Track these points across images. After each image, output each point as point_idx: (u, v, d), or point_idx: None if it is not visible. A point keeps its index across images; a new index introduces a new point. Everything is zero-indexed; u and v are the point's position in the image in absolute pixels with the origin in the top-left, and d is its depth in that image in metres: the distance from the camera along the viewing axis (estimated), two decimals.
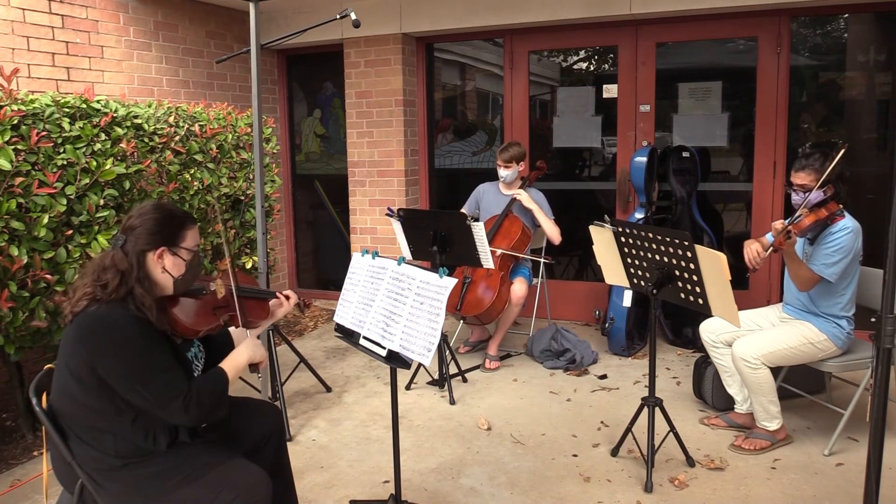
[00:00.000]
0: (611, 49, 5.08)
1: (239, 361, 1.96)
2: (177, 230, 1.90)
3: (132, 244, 1.85)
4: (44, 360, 3.56)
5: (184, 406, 1.75)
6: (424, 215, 4.00)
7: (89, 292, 1.79)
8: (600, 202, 5.26)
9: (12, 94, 2.93)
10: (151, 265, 1.86)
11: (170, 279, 1.89)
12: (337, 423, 3.49)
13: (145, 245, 1.85)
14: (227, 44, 5.28)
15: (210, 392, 1.83)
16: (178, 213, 1.95)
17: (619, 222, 2.82)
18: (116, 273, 1.80)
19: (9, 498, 2.80)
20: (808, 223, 2.85)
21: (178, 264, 1.90)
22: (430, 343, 2.00)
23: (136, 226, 1.87)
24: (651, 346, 2.87)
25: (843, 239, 2.86)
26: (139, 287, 1.81)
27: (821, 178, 2.83)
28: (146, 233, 1.86)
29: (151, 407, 1.75)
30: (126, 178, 3.33)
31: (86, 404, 1.76)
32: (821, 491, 2.72)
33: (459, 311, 4.19)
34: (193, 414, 1.77)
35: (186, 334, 1.94)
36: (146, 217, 1.88)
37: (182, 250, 1.90)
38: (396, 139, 5.38)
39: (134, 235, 1.86)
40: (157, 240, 1.86)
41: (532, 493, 2.76)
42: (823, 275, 2.89)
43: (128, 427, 1.78)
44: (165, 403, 1.74)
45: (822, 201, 2.89)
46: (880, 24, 4.44)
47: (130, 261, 1.83)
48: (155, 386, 1.74)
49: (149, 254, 1.86)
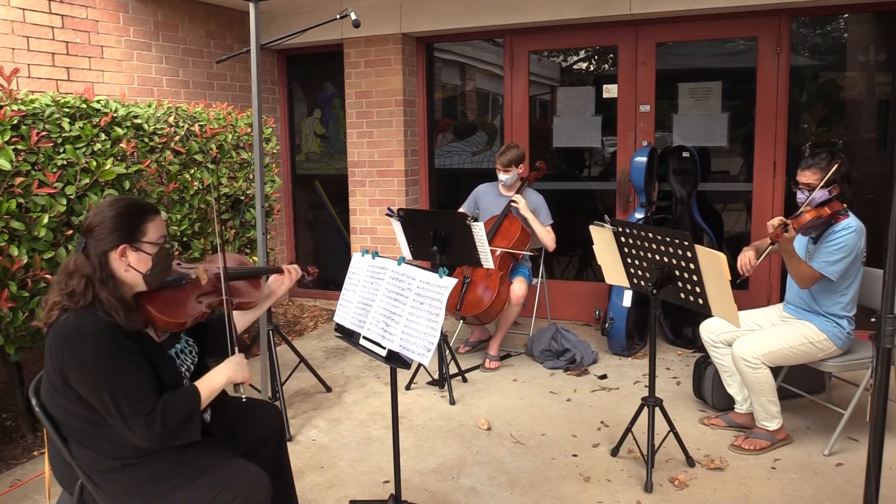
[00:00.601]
0: (611, 49, 5.08)
1: (215, 382, 1.86)
2: (136, 224, 1.81)
3: (93, 246, 1.78)
4: (43, 360, 3.56)
5: (146, 424, 1.68)
6: (424, 215, 4.00)
7: (57, 301, 1.74)
8: (600, 202, 5.26)
9: (12, 94, 2.93)
10: (115, 265, 1.79)
11: (138, 276, 1.81)
12: (337, 423, 3.49)
13: (106, 245, 1.78)
14: (227, 44, 5.28)
15: (177, 410, 1.74)
16: (136, 206, 1.86)
17: (619, 222, 2.82)
18: (81, 278, 1.74)
19: (9, 498, 2.80)
20: (808, 218, 2.86)
21: (144, 259, 1.81)
22: (430, 343, 2.00)
23: (94, 225, 1.79)
24: (651, 346, 2.87)
25: (846, 238, 2.87)
26: (104, 290, 1.74)
27: (825, 178, 2.85)
28: (105, 232, 1.78)
29: (114, 423, 1.69)
30: (126, 178, 3.33)
31: (72, 410, 1.75)
32: (821, 491, 2.72)
33: (459, 310, 4.19)
34: (157, 433, 1.69)
35: (169, 328, 1.88)
36: (103, 215, 1.79)
37: (145, 244, 1.81)
38: (396, 139, 5.38)
39: (94, 237, 1.79)
40: (116, 237, 1.78)
41: (532, 493, 2.76)
42: (825, 273, 2.89)
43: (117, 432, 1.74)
44: (126, 420, 1.68)
45: (825, 200, 2.90)
46: (880, 24, 4.44)
47: (93, 263, 1.76)
48: (118, 400, 1.67)
49: (111, 253, 1.78)
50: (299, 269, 2.36)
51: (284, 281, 2.29)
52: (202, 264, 2.05)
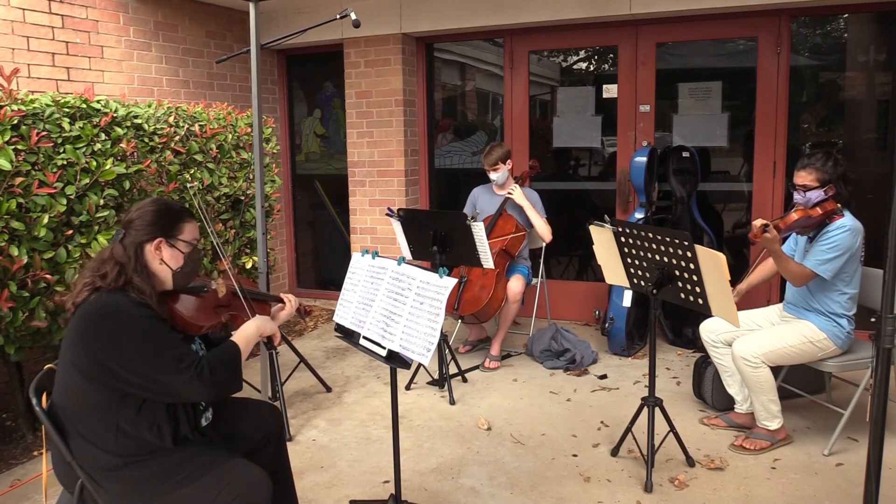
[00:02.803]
0: (611, 49, 5.08)
1: (248, 333, 1.97)
2: (174, 222, 1.93)
3: (131, 237, 1.88)
4: (44, 360, 3.56)
5: (197, 375, 1.74)
6: (424, 215, 4.00)
7: (89, 283, 1.81)
8: (600, 202, 5.26)
9: (12, 94, 2.92)
10: (149, 256, 1.88)
11: (168, 271, 1.90)
12: (337, 423, 3.49)
13: (143, 237, 1.88)
14: (227, 44, 5.28)
15: (222, 361, 1.84)
16: (175, 207, 1.98)
17: (618, 222, 2.82)
18: (115, 265, 1.82)
19: (9, 498, 2.80)
20: (795, 217, 2.86)
21: (176, 256, 1.92)
22: (430, 343, 2.00)
23: (134, 219, 1.91)
24: (651, 346, 2.87)
25: (840, 237, 2.87)
26: (137, 277, 1.83)
27: (822, 178, 2.87)
28: (143, 224, 1.89)
29: (163, 382, 1.73)
30: (126, 178, 3.33)
31: (90, 399, 1.75)
32: (821, 491, 2.72)
33: (457, 310, 4.19)
34: (209, 384, 1.76)
35: (188, 329, 1.93)
36: (144, 210, 1.92)
37: (180, 242, 1.92)
38: (396, 139, 5.38)
39: (132, 228, 1.89)
40: (153, 231, 1.89)
41: (532, 493, 2.76)
42: (817, 271, 2.89)
43: (132, 417, 1.76)
44: (178, 376, 1.73)
45: (821, 200, 2.90)
46: (880, 24, 4.44)
47: (129, 253, 1.85)
48: (164, 361, 1.74)
49: (146, 245, 1.88)
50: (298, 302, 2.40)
51: (286, 308, 2.34)
52: (220, 277, 2.14)
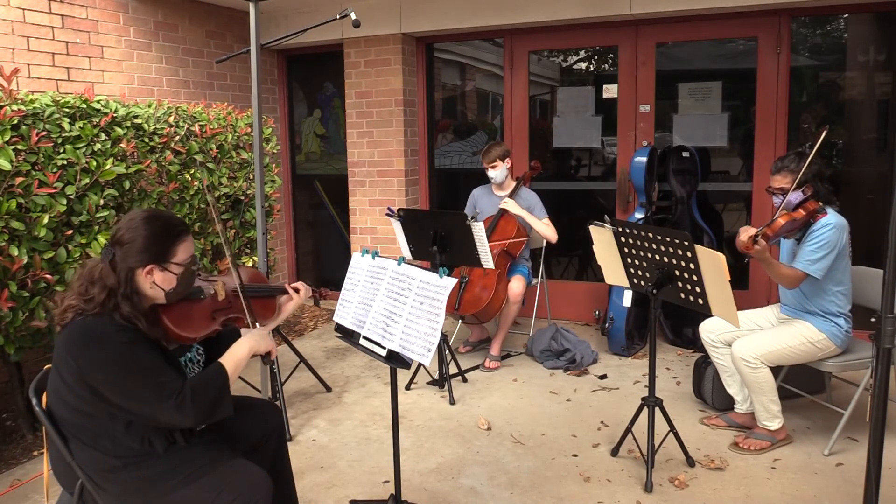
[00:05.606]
0: (611, 49, 5.08)
1: (239, 355, 1.88)
2: (168, 246, 1.82)
3: (121, 260, 1.78)
4: (44, 360, 3.56)
5: (177, 406, 1.69)
6: (424, 215, 4.00)
7: (73, 305, 1.75)
8: (600, 202, 5.26)
9: (12, 94, 2.93)
10: (140, 281, 1.80)
11: (160, 292, 1.83)
12: (337, 423, 3.49)
13: (134, 262, 1.78)
14: (227, 44, 5.28)
15: (205, 389, 1.77)
16: (170, 226, 1.85)
17: (618, 222, 2.83)
18: (103, 288, 1.75)
19: (9, 498, 2.80)
20: (781, 223, 2.85)
21: (169, 279, 1.82)
22: (430, 343, 2.00)
23: (125, 241, 1.79)
24: (651, 346, 2.87)
25: (826, 235, 2.87)
26: (126, 303, 1.76)
27: (797, 179, 2.85)
28: (135, 250, 1.78)
29: (146, 413, 1.72)
30: (126, 178, 3.33)
31: (80, 410, 1.75)
32: (821, 491, 2.72)
33: (457, 310, 4.19)
34: (189, 413, 1.71)
35: (181, 342, 1.90)
36: (136, 233, 1.79)
37: (172, 265, 1.82)
38: (396, 139, 5.38)
39: (123, 251, 1.78)
40: (146, 258, 1.78)
41: (532, 493, 2.76)
42: (809, 271, 2.89)
43: (122, 432, 1.76)
44: (158, 406, 1.70)
45: (801, 201, 2.90)
46: (880, 24, 4.44)
47: (119, 277, 1.77)
48: (146, 391, 1.70)
49: (138, 270, 1.79)
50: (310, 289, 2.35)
51: (293, 298, 2.30)
52: (220, 277, 2.06)
